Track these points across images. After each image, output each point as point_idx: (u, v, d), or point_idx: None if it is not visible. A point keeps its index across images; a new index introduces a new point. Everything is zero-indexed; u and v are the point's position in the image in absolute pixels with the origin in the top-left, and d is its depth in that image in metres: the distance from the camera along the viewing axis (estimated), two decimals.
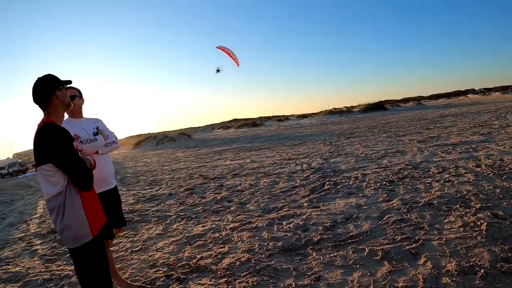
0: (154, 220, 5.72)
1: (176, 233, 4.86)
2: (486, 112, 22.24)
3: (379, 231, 3.97)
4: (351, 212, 4.77)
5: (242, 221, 4.99)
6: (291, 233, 4.24)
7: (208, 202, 6.44)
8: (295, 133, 23.71)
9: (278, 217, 4.92)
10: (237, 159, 12.58)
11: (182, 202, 6.69)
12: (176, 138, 33.57)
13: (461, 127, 14.36)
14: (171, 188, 8.27)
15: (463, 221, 4.01)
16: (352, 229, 4.12)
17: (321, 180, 6.98)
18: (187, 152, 19.18)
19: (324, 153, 10.96)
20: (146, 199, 7.41)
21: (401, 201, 4.99)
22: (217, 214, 5.57)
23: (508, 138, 9.97)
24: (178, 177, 9.95)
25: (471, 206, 4.48)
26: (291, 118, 57.36)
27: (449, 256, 3.20)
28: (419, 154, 8.80)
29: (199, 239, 4.50)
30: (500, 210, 4.24)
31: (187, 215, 5.71)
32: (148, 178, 10.62)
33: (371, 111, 44.86)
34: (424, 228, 3.90)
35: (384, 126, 19.52)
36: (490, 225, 3.79)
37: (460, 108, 34.06)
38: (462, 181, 5.78)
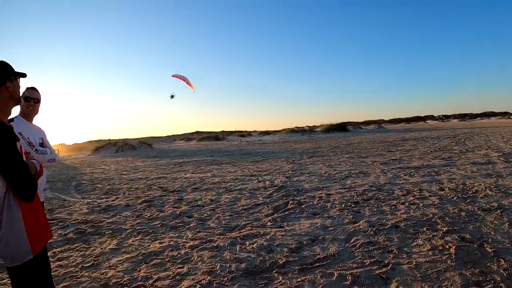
0: (109, 233, 5.36)
1: (132, 249, 4.54)
2: (445, 138, 23.17)
3: (347, 254, 3.87)
4: (317, 233, 4.66)
5: (203, 239, 4.75)
6: (255, 254, 4.05)
7: (167, 216, 6.16)
8: (257, 149, 23.66)
9: (240, 236, 4.73)
10: (198, 172, 12.32)
11: (139, 215, 6.36)
12: (137, 147, 32.80)
13: (422, 151, 14.81)
14: (128, 199, 7.91)
15: (432, 244, 4.01)
16: (319, 252, 3.99)
17: (285, 198, 6.87)
18: (147, 161, 18.66)
19: (287, 171, 10.91)
20: (101, 209, 7.02)
21: (368, 223, 4.94)
22: (175, 230, 5.29)
23: (469, 163, 10.34)
24: (136, 188, 9.58)
25: (438, 229, 4.51)
26: (254, 134, 57.53)
27: (420, 281, 3.14)
28: (382, 176, 8.91)
29: (156, 257, 4.21)
30: (467, 234, 4.30)
31: (143, 230, 5.39)
32: (104, 187, 10.16)
33: (333, 132, 45.74)
34: (393, 252, 3.85)
35: (346, 147, 19.82)
36: (459, 249, 3.81)
37: (420, 132, 35.33)
38: (427, 204, 5.86)
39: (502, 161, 10.31)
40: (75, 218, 6.38)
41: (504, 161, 10.38)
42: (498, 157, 11.39)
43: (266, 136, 49.77)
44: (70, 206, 7.52)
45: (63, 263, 4.19)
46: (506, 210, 5.28)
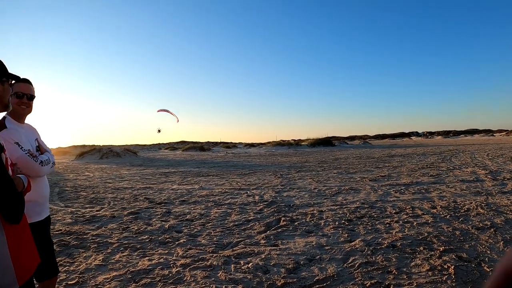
0: (94, 246, 5.15)
1: (119, 266, 4.36)
2: (431, 155, 23.47)
3: (347, 275, 3.82)
4: (313, 252, 4.61)
5: (194, 256, 4.61)
6: (251, 274, 3.95)
7: (155, 230, 6.00)
8: (244, 161, 23.57)
9: (234, 255, 4.62)
10: (185, 184, 12.16)
11: (126, 228, 6.18)
12: (122, 154, 32.45)
13: (410, 168, 14.95)
14: (114, 210, 7.72)
15: (430, 264, 4.00)
16: (317, 273, 3.93)
17: (276, 215, 6.81)
18: (132, 170, 18.40)
19: (276, 186, 10.85)
20: (85, 220, 6.82)
21: (364, 242, 4.91)
22: (165, 246, 5.13)
23: (457, 180, 10.46)
24: (121, 198, 9.38)
25: (435, 249, 4.51)
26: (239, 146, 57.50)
27: None
28: (373, 192, 8.93)
29: (146, 275, 4.03)
30: (463, 253, 4.32)
31: (131, 244, 5.21)
32: (89, 195, 9.93)
33: (319, 146, 46.05)
34: (392, 272, 3.82)
35: (333, 162, 19.89)
36: (458, 268, 3.81)
37: (405, 149, 35.76)
38: (421, 222, 5.87)
39: (490, 179, 10.46)
40: (58, 228, 6.19)
41: (492, 178, 10.53)
42: (485, 174, 11.57)
43: (251, 148, 49.79)
44: (53, 215, 7.29)
45: None
46: (499, 228, 5.33)
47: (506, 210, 6.52)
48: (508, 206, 6.82)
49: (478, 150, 26.79)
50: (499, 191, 8.41)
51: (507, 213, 6.26)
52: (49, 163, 2.61)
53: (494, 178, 10.70)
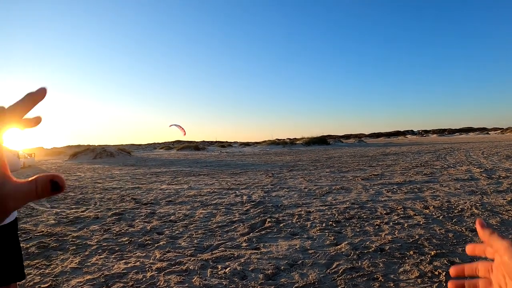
0: (72, 249, 4.92)
1: (94, 269, 4.13)
2: (426, 153, 23.33)
3: (329, 283, 3.54)
4: (296, 257, 4.33)
5: (171, 260, 4.35)
6: (226, 280, 3.67)
7: (136, 232, 5.74)
8: (237, 161, 23.36)
9: (212, 259, 4.35)
10: (175, 183, 11.91)
11: (107, 229, 5.93)
12: (115, 154, 32.23)
13: (404, 166, 14.74)
14: (99, 211, 7.48)
15: (420, 270, 3.74)
16: (297, 279, 3.64)
17: (262, 216, 6.54)
18: (123, 170, 18.16)
19: (266, 185, 10.59)
20: (68, 221, 6.58)
21: (350, 245, 4.64)
22: (143, 249, 4.88)
23: (451, 179, 10.24)
24: (108, 198, 9.13)
25: (425, 253, 4.26)
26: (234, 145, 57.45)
27: None
28: (364, 192, 8.68)
29: (119, 280, 3.80)
30: (456, 257, 4.10)
31: (110, 247, 4.97)
32: (76, 195, 9.68)
33: (314, 145, 45.95)
34: (378, 279, 3.55)
35: (327, 161, 19.67)
36: (449, 275, 3.52)
37: (400, 147, 35.67)
38: (412, 223, 5.62)
39: (485, 177, 10.26)
40: (40, 230, 5.99)
41: (487, 177, 10.33)
42: (480, 173, 11.38)
43: (246, 147, 49.69)
44: (38, 216, 7.12)
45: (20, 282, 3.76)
46: (494, 230, 5.06)
47: (501, 210, 6.29)
48: (503, 206, 6.60)
49: (473, 148, 26.69)
50: (494, 190, 8.19)
51: (502, 214, 6.04)
52: None
53: (489, 176, 10.50)
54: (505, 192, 7.92)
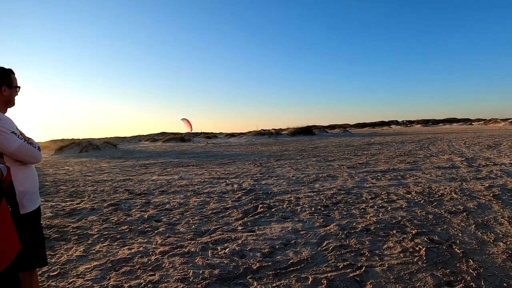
0: (74, 238, 5.16)
1: (100, 256, 4.40)
2: (410, 142, 23.95)
3: (320, 258, 3.94)
4: (289, 237, 4.71)
5: (173, 244, 4.68)
6: (227, 259, 4.03)
7: (134, 220, 6.02)
8: (224, 151, 23.61)
9: (211, 241, 4.70)
10: (165, 174, 12.15)
11: (106, 219, 6.18)
12: (101, 147, 32.01)
13: (388, 155, 15.24)
14: (94, 202, 7.68)
15: (402, 246, 4.15)
16: (292, 256, 4.03)
17: (254, 202, 6.90)
18: (112, 163, 18.21)
19: (255, 174, 10.96)
20: (65, 213, 6.78)
21: (338, 226, 5.05)
22: (144, 235, 5.18)
23: (433, 167, 10.74)
24: (101, 190, 9.33)
25: (407, 232, 4.67)
26: (220, 136, 57.48)
27: (394, 282, 3.24)
28: (350, 179, 9.11)
29: (126, 264, 4.09)
30: (435, 236, 4.49)
31: (111, 235, 5.24)
32: (68, 189, 9.82)
33: (299, 135, 46.40)
34: (365, 254, 3.96)
35: (313, 150, 20.11)
36: (429, 250, 3.97)
37: (384, 137, 36.32)
38: (395, 207, 6.05)
39: (466, 166, 10.77)
40: None
41: (467, 165, 10.85)
42: (461, 161, 11.89)
43: (232, 138, 49.80)
44: None
45: None
46: (471, 212, 5.54)
47: (479, 195, 6.74)
48: (481, 191, 7.06)
49: (456, 138, 27.41)
50: (474, 177, 8.68)
51: (480, 198, 6.49)
52: (40, 149, 2.65)
53: (470, 165, 11.02)
54: (484, 179, 8.40)
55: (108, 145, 34.44)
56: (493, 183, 7.90)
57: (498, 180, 8.21)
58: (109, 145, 34.54)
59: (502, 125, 69.85)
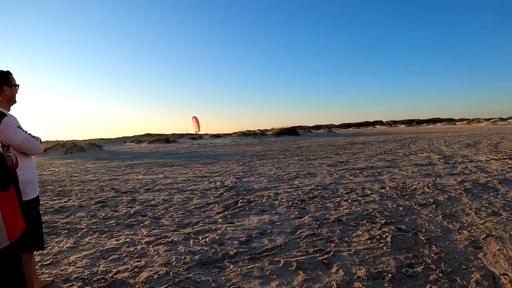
0: (65, 232, 5.39)
1: (89, 247, 4.66)
2: (391, 142, 24.48)
3: (293, 245, 4.26)
4: (265, 227, 5.03)
5: (157, 235, 4.96)
6: (207, 247, 4.35)
7: (121, 215, 6.27)
8: (209, 151, 23.81)
9: (193, 232, 5.00)
10: (150, 174, 12.34)
11: (94, 215, 6.40)
12: (86, 148, 31.83)
13: (368, 154, 15.67)
14: (81, 200, 7.86)
15: (370, 234, 4.49)
16: (267, 243, 4.35)
17: (235, 198, 7.19)
18: (97, 163, 18.24)
19: (237, 173, 11.24)
20: (54, 210, 6.96)
21: (312, 217, 5.38)
22: (131, 228, 5.45)
23: (411, 164, 11.15)
24: (88, 189, 9.48)
25: (376, 222, 5.02)
26: (205, 137, 57.43)
27: (358, 265, 3.57)
28: (328, 176, 9.46)
29: (114, 253, 4.37)
30: (403, 225, 4.85)
31: (99, 229, 5.49)
32: (56, 188, 9.94)
33: (284, 135, 46.73)
34: (334, 241, 4.29)
35: (296, 150, 20.46)
36: (395, 238, 4.31)
37: (367, 137, 36.89)
38: (368, 200, 6.41)
39: (442, 163, 11.21)
40: None
41: (444, 162, 11.30)
42: (438, 159, 12.35)
43: (217, 139, 49.88)
44: None
45: None
46: (440, 204, 5.92)
47: (450, 189, 7.13)
48: (453, 185, 7.46)
49: (437, 137, 28.04)
50: (448, 173, 9.10)
51: (451, 192, 6.88)
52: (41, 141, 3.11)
53: (446, 162, 11.47)
54: (458, 175, 8.81)
55: (93, 146, 34.28)
56: (466, 178, 8.31)
57: (472, 176, 8.64)
58: (94, 146, 34.37)
59: (485, 124, 71.28)
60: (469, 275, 3.30)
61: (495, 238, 4.29)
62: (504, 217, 5.13)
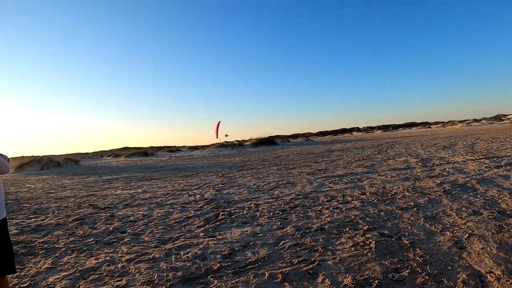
0: (42, 252, 5.22)
1: (68, 267, 4.52)
2: (369, 148, 24.81)
3: (277, 256, 4.22)
4: (248, 240, 4.98)
5: (138, 252, 4.85)
6: (190, 262, 4.27)
7: (100, 233, 6.12)
8: (187, 164, 23.64)
9: (175, 247, 4.91)
10: (128, 188, 12.15)
11: (72, 233, 6.24)
12: (63, 164, 31.25)
13: (347, 161, 15.82)
14: (59, 218, 7.66)
15: (354, 241, 4.50)
16: (250, 256, 4.31)
17: (215, 210, 7.12)
18: (74, 179, 17.90)
19: (217, 185, 11.17)
20: (31, 229, 6.76)
21: (295, 227, 5.36)
22: (110, 246, 5.32)
23: (389, 169, 11.29)
24: (65, 206, 9.26)
25: (359, 228, 5.04)
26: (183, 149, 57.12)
27: (344, 273, 3.56)
28: (308, 185, 9.48)
29: (93, 272, 4.24)
30: (386, 230, 4.89)
31: (78, 247, 5.34)
32: (32, 206, 9.67)
33: (262, 145, 46.86)
34: (318, 250, 4.27)
35: (274, 160, 20.50)
36: (378, 243, 4.33)
37: (345, 144, 37.33)
38: (349, 207, 6.44)
39: (420, 166, 11.41)
40: None
41: (422, 165, 11.50)
42: (416, 162, 12.57)
43: (195, 151, 49.67)
44: None
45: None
46: (421, 207, 6.01)
47: (430, 191, 7.25)
48: (432, 188, 7.58)
49: (414, 141, 28.57)
50: (427, 176, 9.26)
51: (430, 194, 6.99)
52: (8, 160, 2.90)
53: (424, 165, 11.69)
54: (436, 177, 8.98)
55: (70, 161, 33.75)
56: (444, 180, 8.48)
57: (450, 177, 8.81)
58: (70, 161, 33.85)
59: (459, 126, 73.09)
60: (455, 275, 3.33)
61: (478, 237, 4.37)
62: (485, 215, 5.24)
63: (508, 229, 4.59)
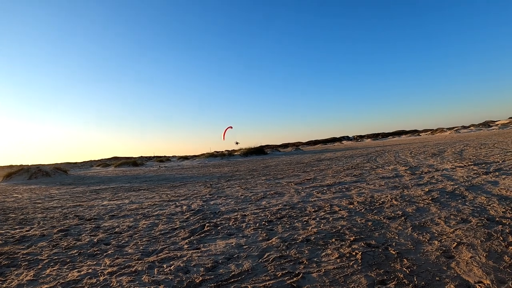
0: (25, 264, 5.14)
1: (50, 279, 4.43)
2: (358, 156, 24.85)
3: (260, 269, 4.14)
4: (232, 252, 4.90)
5: (121, 265, 4.76)
6: (172, 275, 4.18)
7: (84, 245, 6.01)
8: (176, 174, 23.49)
9: (158, 260, 4.82)
10: (116, 199, 12.00)
11: (56, 245, 6.13)
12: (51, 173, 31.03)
13: (336, 170, 15.80)
14: (44, 229, 7.54)
15: (340, 252, 4.44)
16: (234, 269, 4.22)
17: (201, 222, 7.03)
18: (62, 189, 17.70)
19: (204, 195, 11.07)
20: (15, 240, 6.63)
21: (280, 239, 5.29)
22: (93, 258, 5.22)
23: (378, 178, 11.28)
24: (51, 217, 9.12)
25: (346, 239, 4.98)
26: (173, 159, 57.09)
27: (329, 285, 3.49)
28: (296, 195, 9.42)
29: (75, 285, 4.16)
30: (373, 240, 4.82)
31: (61, 259, 5.25)
32: (18, 216, 9.53)
33: (252, 155, 46.90)
34: (303, 263, 4.20)
35: (263, 170, 20.43)
36: (365, 254, 4.27)
37: (335, 153, 37.39)
38: (336, 217, 6.38)
39: (409, 174, 11.41)
40: None
41: (411, 173, 11.50)
42: (405, 170, 12.57)
43: (185, 161, 49.63)
44: None
45: None
46: (409, 216, 5.96)
47: (418, 200, 7.23)
48: (421, 196, 7.56)
49: (403, 149, 28.69)
50: (415, 184, 9.25)
51: (418, 203, 6.96)
52: None
53: (413, 173, 11.69)
54: (425, 185, 8.97)
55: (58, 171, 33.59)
56: (433, 187, 8.48)
57: (439, 184, 8.82)
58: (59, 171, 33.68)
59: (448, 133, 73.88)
60: (443, 286, 3.28)
61: (467, 245, 4.33)
62: (474, 223, 5.21)
63: (497, 236, 4.56)
